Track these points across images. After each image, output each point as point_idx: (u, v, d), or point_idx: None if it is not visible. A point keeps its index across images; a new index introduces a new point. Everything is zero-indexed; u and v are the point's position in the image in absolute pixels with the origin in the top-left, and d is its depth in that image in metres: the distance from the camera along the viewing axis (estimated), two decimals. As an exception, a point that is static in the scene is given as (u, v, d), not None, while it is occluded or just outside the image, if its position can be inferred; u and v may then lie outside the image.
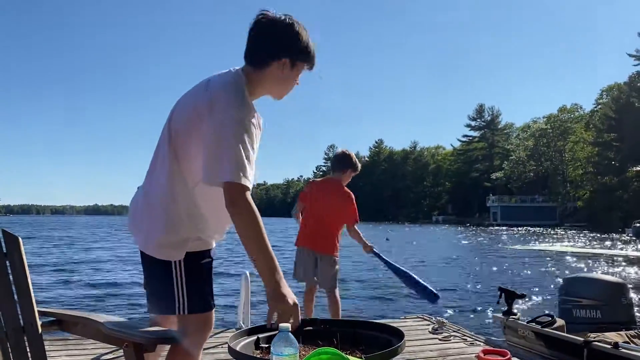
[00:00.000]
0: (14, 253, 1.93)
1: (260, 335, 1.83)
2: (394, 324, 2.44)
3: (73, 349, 3.74)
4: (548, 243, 28.22)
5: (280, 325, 1.41)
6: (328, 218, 4.20)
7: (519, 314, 3.98)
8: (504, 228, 53.25)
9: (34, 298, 1.94)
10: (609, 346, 3.01)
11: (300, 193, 4.58)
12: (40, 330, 1.93)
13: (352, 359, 1.42)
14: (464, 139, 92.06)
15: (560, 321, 3.65)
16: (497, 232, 44.14)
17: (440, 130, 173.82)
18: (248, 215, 1.59)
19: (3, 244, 1.95)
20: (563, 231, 44.63)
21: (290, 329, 1.41)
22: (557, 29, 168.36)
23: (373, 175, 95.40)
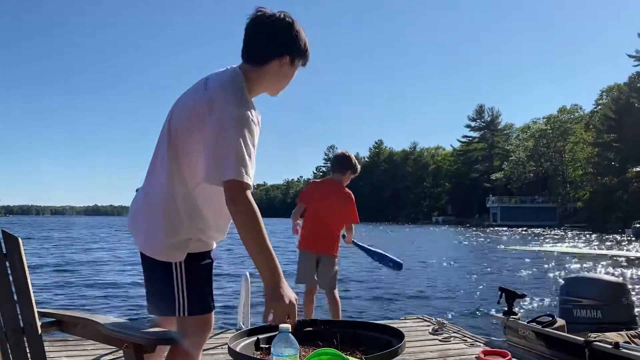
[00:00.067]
0: (14, 254, 1.93)
1: (260, 336, 1.83)
2: (394, 325, 2.44)
3: (73, 350, 3.73)
4: (548, 244, 28.21)
5: (280, 325, 1.41)
6: (328, 219, 4.20)
7: (519, 314, 3.98)
8: (504, 229, 53.21)
9: (33, 299, 1.93)
10: (610, 346, 3.01)
11: (300, 193, 4.58)
12: (40, 331, 1.92)
13: (352, 359, 1.41)
14: (463, 140, 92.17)
15: (560, 321, 3.65)
16: (497, 233, 44.11)
17: (440, 130, 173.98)
18: (248, 213, 1.58)
19: (3, 244, 1.95)
20: (563, 232, 44.58)
21: (290, 330, 1.40)
22: (557, 30, 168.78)
23: (373, 176, 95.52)
